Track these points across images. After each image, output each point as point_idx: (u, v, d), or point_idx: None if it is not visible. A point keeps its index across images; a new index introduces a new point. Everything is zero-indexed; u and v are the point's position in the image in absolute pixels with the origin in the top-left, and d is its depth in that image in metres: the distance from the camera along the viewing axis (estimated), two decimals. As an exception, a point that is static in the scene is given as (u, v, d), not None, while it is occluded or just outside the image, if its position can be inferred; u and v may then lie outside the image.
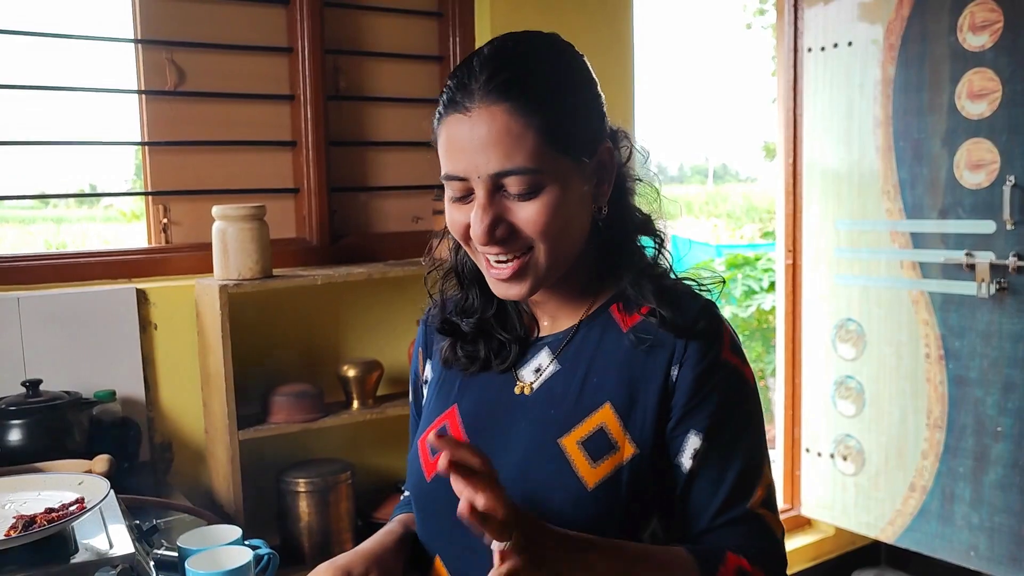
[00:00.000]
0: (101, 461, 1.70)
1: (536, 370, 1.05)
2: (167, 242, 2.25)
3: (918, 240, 2.81)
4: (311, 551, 2.15)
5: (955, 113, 2.66)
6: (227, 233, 2.05)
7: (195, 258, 2.22)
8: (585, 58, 1.01)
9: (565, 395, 1.01)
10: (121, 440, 1.94)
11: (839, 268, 3.04)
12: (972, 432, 2.71)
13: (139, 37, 2.19)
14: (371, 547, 1.06)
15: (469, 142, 0.92)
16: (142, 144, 2.22)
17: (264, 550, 1.36)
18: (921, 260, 2.80)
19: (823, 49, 3.03)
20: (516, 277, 0.97)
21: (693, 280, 1.06)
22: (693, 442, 0.97)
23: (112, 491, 1.31)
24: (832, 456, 3.08)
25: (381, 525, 2.38)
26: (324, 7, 2.36)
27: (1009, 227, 2.56)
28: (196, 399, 2.18)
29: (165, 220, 2.24)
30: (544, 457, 0.98)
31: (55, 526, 1.17)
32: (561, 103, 0.93)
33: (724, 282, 1.09)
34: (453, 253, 1.12)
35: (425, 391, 1.17)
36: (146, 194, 2.25)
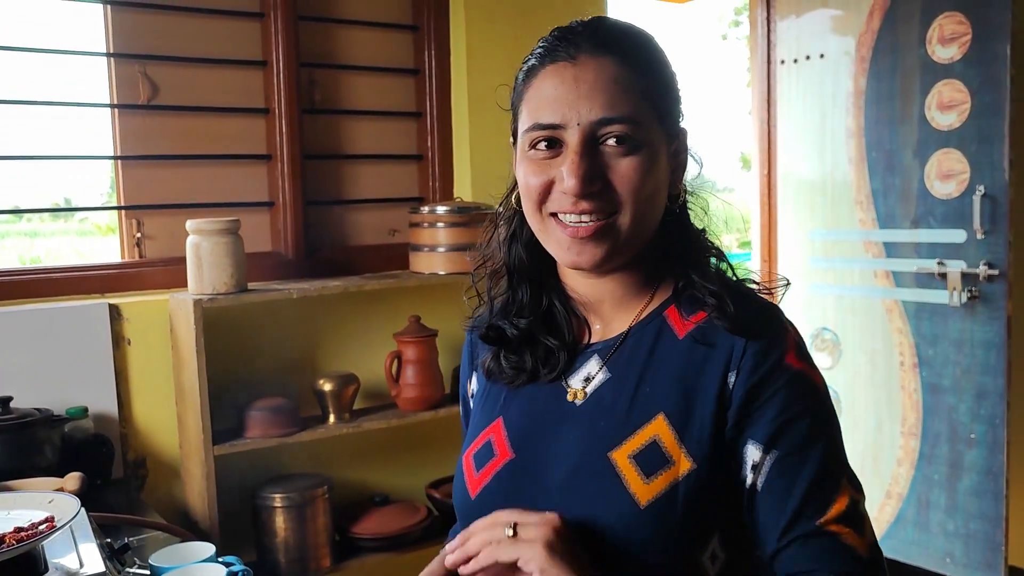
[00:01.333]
0: (73, 479, 1.68)
1: (586, 379, 0.98)
2: (141, 257, 2.23)
3: (891, 249, 2.84)
4: (288, 567, 2.13)
5: (925, 124, 2.70)
6: (201, 247, 2.04)
7: (169, 272, 2.20)
8: None
9: (615, 405, 0.94)
10: (94, 457, 1.92)
11: (814, 278, 3.07)
12: (946, 439, 2.73)
13: (111, 51, 2.18)
14: None
15: (573, 88, 0.90)
16: (115, 158, 2.21)
17: (238, 567, 1.35)
18: (894, 269, 2.83)
19: (796, 61, 3.06)
20: (596, 237, 0.91)
21: (756, 283, 1.01)
22: (752, 453, 0.89)
23: (83, 509, 1.29)
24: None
25: (358, 540, 2.37)
26: (299, 20, 2.36)
27: (979, 236, 2.59)
28: (170, 415, 2.16)
29: (139, 234, 2.23)
30: (593, 472, 0.91)
31: (24, 545, 1.15)
32: (661, 74, 0.94)
33: (789, 283, 1.03)
34: (505, 246, 1.05)
35: (472, 404, 1.12)
36: (119, 208, 2.23)
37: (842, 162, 2.94)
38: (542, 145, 0.92)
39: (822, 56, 2.97)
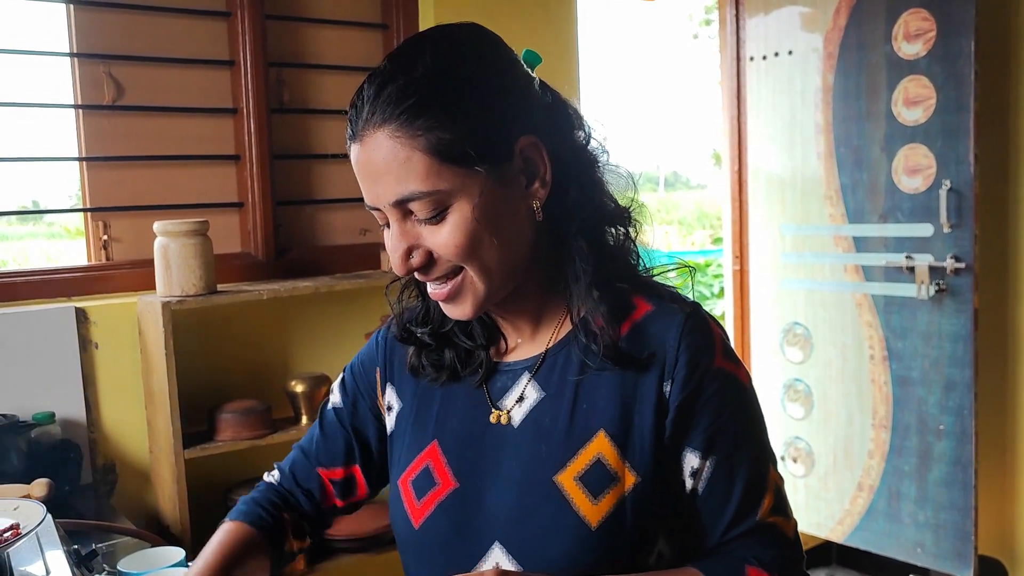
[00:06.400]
0: (39, 485, 1.66)
1: (519, 399, 0.96)
2: (108, 259, 2.21)
3: (860, 244, 2.86)
4: (261, 570, 2.12)
5: (892, 119, 2.72)
6: (169, 249, 2.02)
7: (137, 275, 2.18)
8: (500, 48, 0.94)
9: (554, 426, 0.93)
10: (61, 463, 1.90)
11: (785, 272, 3.09)
12: (916, 431, 2.77)
13: (75, 51, 2.15)
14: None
15: (364, 173, 0.87)
16: (79, 160, 2.18)
17: (208, 571, 1.33)
18: (863, 263, 2.86)
19: (765, 58, 3.08)
20: (454, 298, 0.90)
21: (663, 279, 0.98)
22: (691, 460, 0.91)
23: (49, 515, 1.28)
24: (783, 459, 3.12)
25: (333, 541, 2.35)
26: (266, 19, 2.34)
27: (946, 230, 2.62)
28: (140, 418, 2.14)
29: (105, 237, 2.20)
30: (541, 498, 0.90)
31: (-13, 554, 1.14)
32: (452, 111, 0.84)
33: (694, 270, 1.01)
34: None
35: (388, 420, 1.07)
36: (84, 211, 2.20)
37: (811, 158, 2.96)
38: (380, 221, 0.90)
39: (791, 53, 2.99)
